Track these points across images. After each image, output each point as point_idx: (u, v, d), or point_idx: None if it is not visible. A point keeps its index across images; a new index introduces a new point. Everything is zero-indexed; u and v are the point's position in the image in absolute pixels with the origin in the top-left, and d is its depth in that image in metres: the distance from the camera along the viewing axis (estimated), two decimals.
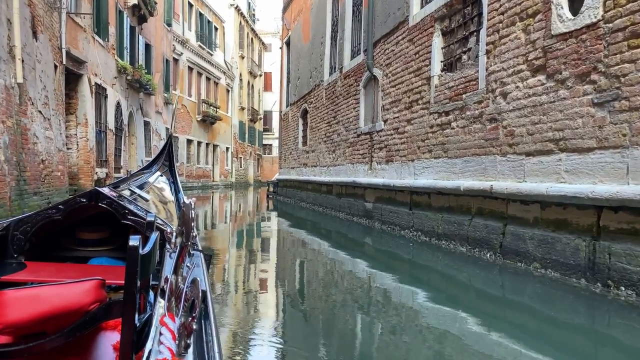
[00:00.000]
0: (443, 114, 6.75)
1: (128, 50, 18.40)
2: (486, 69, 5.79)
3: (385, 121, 8.78)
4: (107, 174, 15.28)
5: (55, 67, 11.38)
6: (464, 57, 6.45)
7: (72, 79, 13.40)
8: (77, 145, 13.75)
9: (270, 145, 48.78)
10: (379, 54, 9.12)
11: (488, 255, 5.66)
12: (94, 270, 2.03)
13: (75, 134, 13.74)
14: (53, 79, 11.09)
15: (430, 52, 7.14)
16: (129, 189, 2.74)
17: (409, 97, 7.83)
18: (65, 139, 12.09)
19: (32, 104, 9.38)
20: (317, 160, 13.59)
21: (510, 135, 5.32)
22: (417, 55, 7.57)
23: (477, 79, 5.96)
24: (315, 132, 13.95)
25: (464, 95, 6.24)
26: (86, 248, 2.38)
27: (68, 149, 13.42)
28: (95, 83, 14.38)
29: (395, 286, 5.46)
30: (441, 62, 7.01)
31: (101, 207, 2.09)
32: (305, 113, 15.44)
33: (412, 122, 7.69)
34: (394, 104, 8.40)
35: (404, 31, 8.03)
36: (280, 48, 20.80)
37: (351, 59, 11.01)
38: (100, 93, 14.97)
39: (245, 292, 5.00)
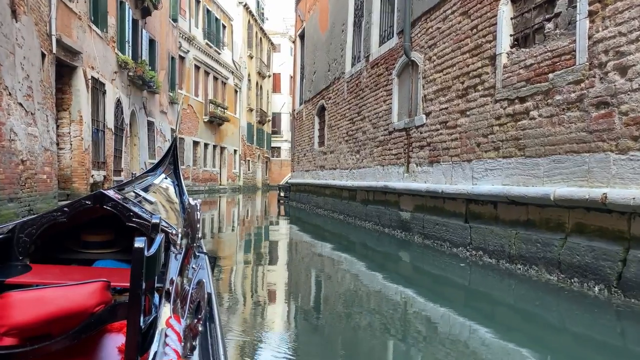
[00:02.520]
0: (516, 100, 5.26)
1: (130, 45, 17.08)
2: (589, 37, 4.30)
3: (427, 114, 7.30)
4: (105, 177, 13.88)
5: (43, 55, 10.02)
6: (549, 26, 4.96)
7: (65, 72, 12.06)
8: (71, 145, 12.38)
9: (279, 148, 47.63)
10: (419, 35, 7.65)
11: (596, 289, 4.15)
12: (98, 272, 2.01)
13: (69, 133, 12.37)
14: (40, 69, 9.72)
15: (496, 24, 5.67)
16: (134, 192, 2.69)
17: (462, 82, 6.35)
18: (55, 137, 10.71)
19: (9, 94, 8.00)
20: (337, 162, 12.13)
21: (634, 123, 3.83)
22: (475, 30, 6.10)
23: (574, 51, 4.47)
24: (334, 131, 12.49)
25: (550, 75, 4.76)
26: (91, 250, 2.36)
27: (60, 149, 12.09)
28: (91, 77, 13.02)
29: (441, 315, 4.23)
30: (511, 36, 5.54)
31: (106, 210, 2.09)
32: (322, 110, 13.99)
33: (467, 113, 6.21)
34: (440, 93, 6.92)
35: (455, 3, 6.56)
36: (293, 41, 19.40)
37: (380, 45, 9.55)
38: (97, 88, 13.60)
39: (253, 301, 4.71)
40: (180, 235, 1.98)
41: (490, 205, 5.61)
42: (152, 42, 19.77)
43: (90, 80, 12.91)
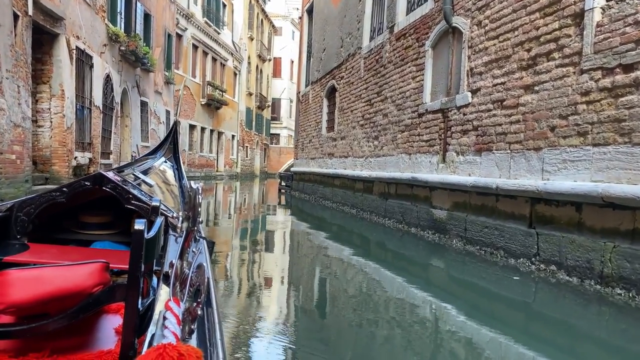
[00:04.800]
0: (618, 69, 3.95)
1: (122, 17, 15.65)
2: None
3: (474, 91, 5.98)
4: (90, 159, 12.52)
5: (16, 17, 8.62)
6: None
7: (45, 40, 10.66)
8: (51, 122, 10.99)
9: (278, 134, 46.54)
10: None
11: None
12: (96, 253, 2.00)
13: (49, 109, 10.97)
14: (10, 31, 8.33)
15: None
16: (133, 174, 2.67)
17: (528, 50, 5.03)
18: (29, 112, 9.32)
19: None
20: (349, 149, 10.81)
21: None
22: None
23: None
24: (346, 114, 11.15)
25: None
26: (89, 231, 2.35)
27: (38, 126, 10.76)
28: (76, 47, 11.60)
29: (489, 339, 3.30)
30: None
31: (105, 191, 2.10)
32: (332, 91, 12.64)
33: (536, 88, 4.89)
34: (494, 65, 5.60)
35: None
36: (300, 17, 17.96)
37: (408, 13, 8.18)
38: (83, 61, 12.17)
39: (249, 290, 4.53)
40: (181, 219, 1.95)
41: (571, 207, 4.32)
42: (147, 17, 18.30)
43: (74, 51, 11.50)
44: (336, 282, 5.04)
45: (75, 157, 11.60)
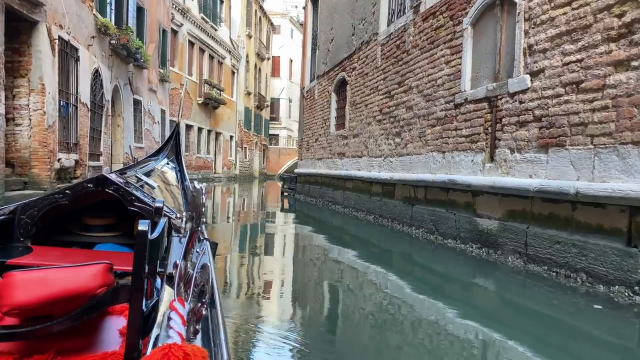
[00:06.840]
0: None
1: (113, 8, 14.53)
2: None
3: (535, 73, 4.84)
4: (76, 161, 11.37)
5: None
6: None
7: (23, 28, 9.52)
8: (30, 120, 9.84)
9: (277, 135, 45.62)
10: None
11: None
12: (100, 255, 1.99)
13: (27, 105, 9.80)
14: None
15: None
16: (136, 176, 2.69)
17: (619, 15, 3.90)
18: (1, 108, 8.18)
19: None
20: (364, 148, 9.67)
21: None
22: None
23: None
24: (360, 109, 10.01)
25: None
26: (92, 234, 2.36)
27: (16, 125, 9.63)
28: (59, 37, 10.44)
29: None
30: None
31: (108, 193, 2.10)
32: (341, 85, 11.50)
33: (633, 63, 3.76)
34: (564, 39, 4.46)
35: None
36: (304, 8, 16.84)
37: None
38: (67, 52, 11.01)
39: (252, 293, 4.41)
40: (184, 219, 1.86)
41: None
42: (140, 10, 17.16)
43: (57, 42, 10.34)
44: (347, 291, 4.64)
45: (59, 159, 10.43)
